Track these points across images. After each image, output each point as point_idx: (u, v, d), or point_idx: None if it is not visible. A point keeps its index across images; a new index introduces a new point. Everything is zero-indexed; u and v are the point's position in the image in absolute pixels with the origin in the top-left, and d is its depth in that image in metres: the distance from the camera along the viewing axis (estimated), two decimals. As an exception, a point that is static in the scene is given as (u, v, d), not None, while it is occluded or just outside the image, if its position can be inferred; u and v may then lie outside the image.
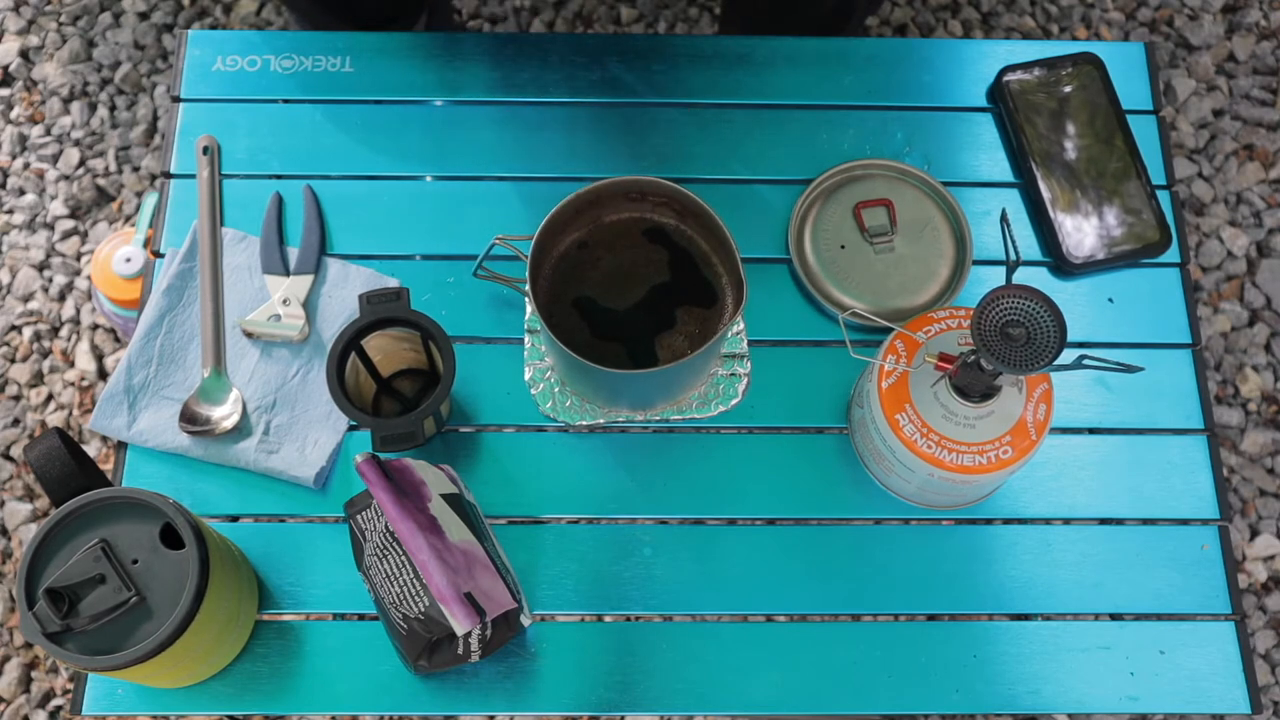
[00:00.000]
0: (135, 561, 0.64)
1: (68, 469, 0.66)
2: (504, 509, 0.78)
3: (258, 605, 0.75)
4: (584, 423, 0.80)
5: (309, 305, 0.82)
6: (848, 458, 0.80)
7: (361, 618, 0.76)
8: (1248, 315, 1.42)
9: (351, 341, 0.73)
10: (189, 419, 0.78)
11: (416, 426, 0.72)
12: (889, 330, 0.77)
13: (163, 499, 0.65)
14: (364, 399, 0.79)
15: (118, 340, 1.40)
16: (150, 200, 1.37)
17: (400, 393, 0.81)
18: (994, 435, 0.70)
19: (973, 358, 0.66)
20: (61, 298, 1.42)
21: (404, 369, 0.81)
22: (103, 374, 1.38)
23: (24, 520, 1.32)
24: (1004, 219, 0.68)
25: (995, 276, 0.85)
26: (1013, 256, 0.67)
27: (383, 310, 0.74)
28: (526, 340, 0.82)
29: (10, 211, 1.46)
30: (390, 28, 1.24)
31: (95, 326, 1.41)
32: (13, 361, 1.40)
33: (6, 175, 1.48)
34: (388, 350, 0.78)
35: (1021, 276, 0.83)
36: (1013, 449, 0.70)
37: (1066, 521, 0.79)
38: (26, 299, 1.42)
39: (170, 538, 0.65)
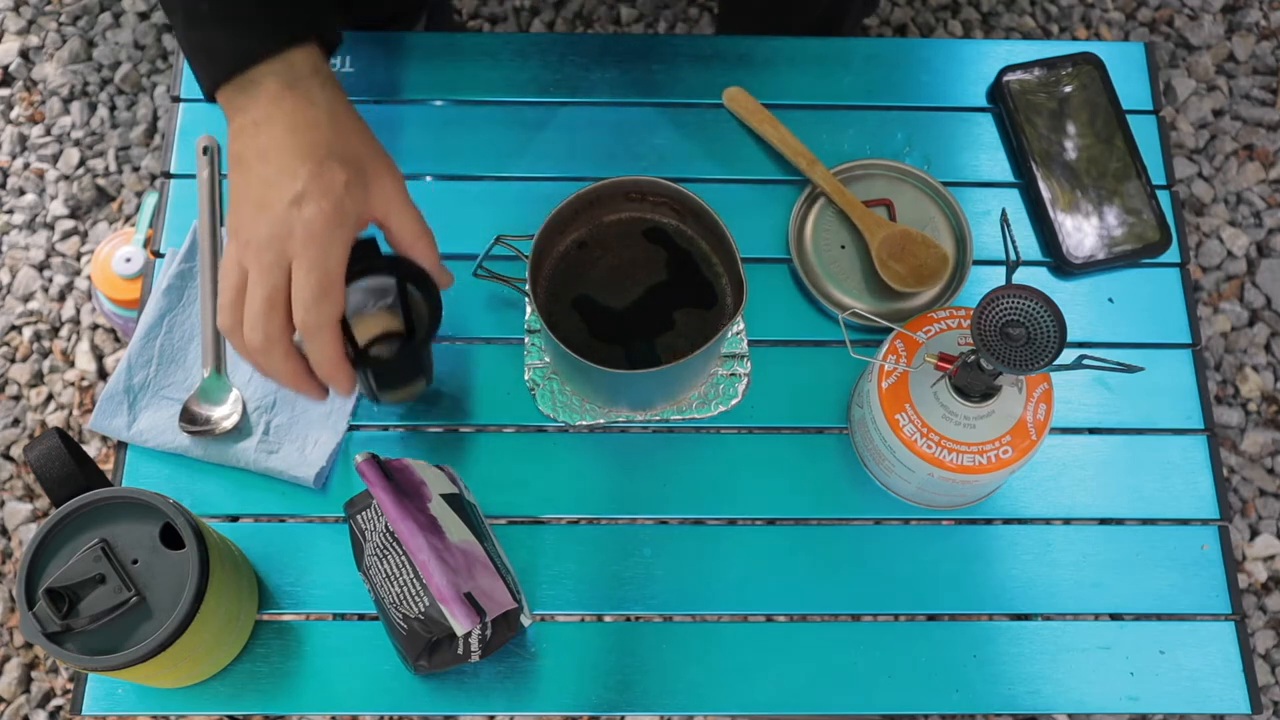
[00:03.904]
0: (135, 561, 0.64)
1: (68, 469, 0.66)
2: (504, 509, 0.78)
3: (258, 605, 0.75)
4: (584, 423, 0.80)
5: (309, 305, 0.82)
6: (848, 458, 0.80)
7: (361, 618, 0.76)
8: (1248, 315, 1.42)
9: None
10: (189, 419, 0.78)
11: (418, 360, 0.71)
12: (889, 330, 0.77)
13: (163, 499, 0.65)
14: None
15: (118, 340, 1.40)
16: (150, 200, 1.37)
17: (380, 359, 0.78)
18: (994, 435, 0.70)
19: (973, 358, 0.66)
20: (61, 298, 1.42)
21: (379, 336, 0.78)
22: (103, 374, 1.38)
23: (24, 520, 1.32)
24: (1004, 219, 0.68)
25: (995, 276, 0.85)
26: (1013, 256, 0.67)
27: (355, 260, 0.68)
28: (526, 340, 0.82)
29: (10, 211, 1.47)
30: (390, 28, 1.24)
31: (95, 326, 1.41)
32: (13, 361, 1.40)
33: (6, 175, 1.49)
34: (365, 312, 0.74)
35: (1021, 276, 0.83)
36: (1013, 449, 0.70)
37: (1066, 521, 0.79)
38: (26, 299, 1.42)
39: (170, 538, 0.65)
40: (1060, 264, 0.85)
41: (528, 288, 0.72)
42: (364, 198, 0.66)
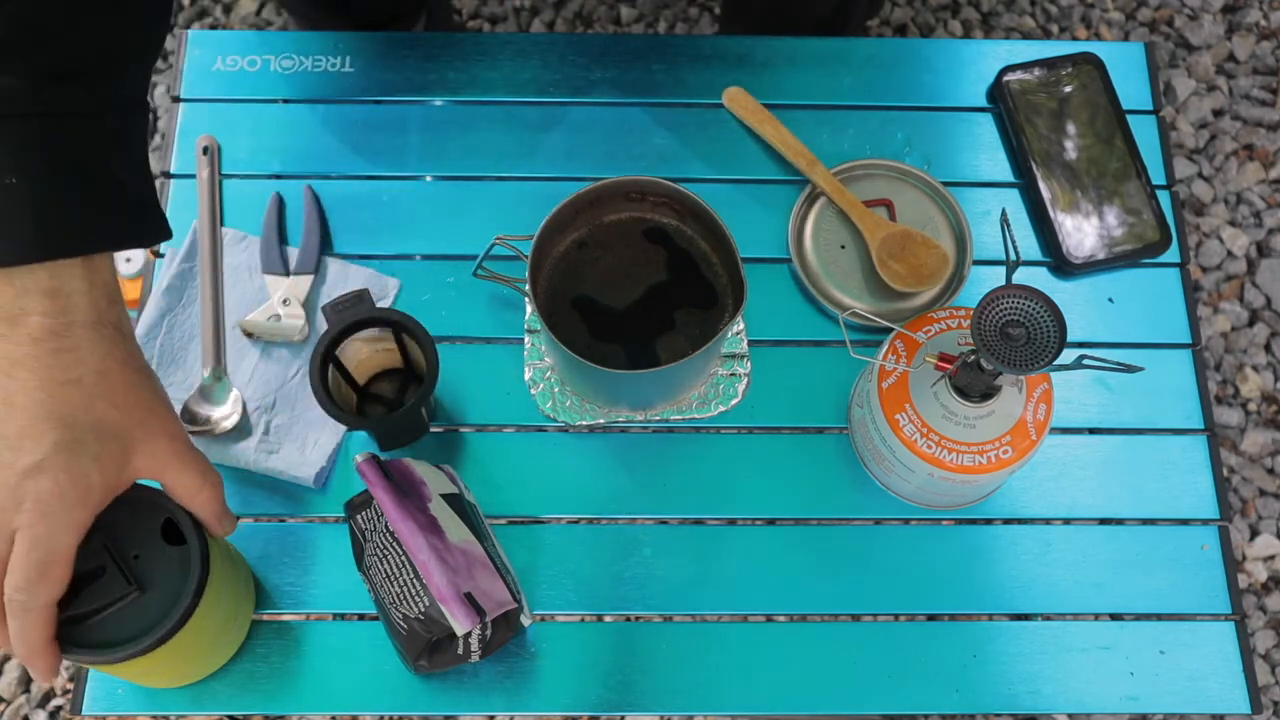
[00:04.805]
0: (136, 556, 0.64)
1: None
2: (504, 509, 0.78)
3: (254, 605, 0.75)
4: (584, 423, 0.80)
5: (309, 305, 0.82)
6: (848, 458, 0.80)
7: (361, 618, 0.76)
8: (1248, 315, 1.42)
9: (327, 354, 0.73)
10: (189, 419, 0.78)
11: (418, 415, 0.72)
12: (889, 330, 0.77)
13: (164, 495, 0.65)
14: (349, 408, 0.79)
15: (118, 340, 1.40)
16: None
17: (382, 396, 0.81)
18: (994, 435, 0.70)
19: (973, 358, 0.66)
20: (61, 298, 1.42)
21: (378, 372, 0.81)
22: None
23: (24, 520, 1.32)
24: (1004, 219, 0.68)
25: (995, 276, 0.85)
26: (1013, 256, 0.67)
27: (349, 315, 0.73)
28: (526, 340, 0.82)
29: (10, 211, 1.46)
30: (390, 28, 1.24)
31: (95, 326, 1.40)
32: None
33: (6, 175, 1.48)
34: (361, 357, 0.77)
35: (1021, 276, 0.83)
36: (1013, 449, 0.70)
37: (1066, 521, 0.79)
38: (26, 299, 1.42)
39: (171, 533, 0.65)
40: (1060, 264, 0.85)
41: (528, 288, 0.72)
42: (122, 468, 0.60)
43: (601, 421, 0.80)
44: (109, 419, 0.59)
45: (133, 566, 0.63)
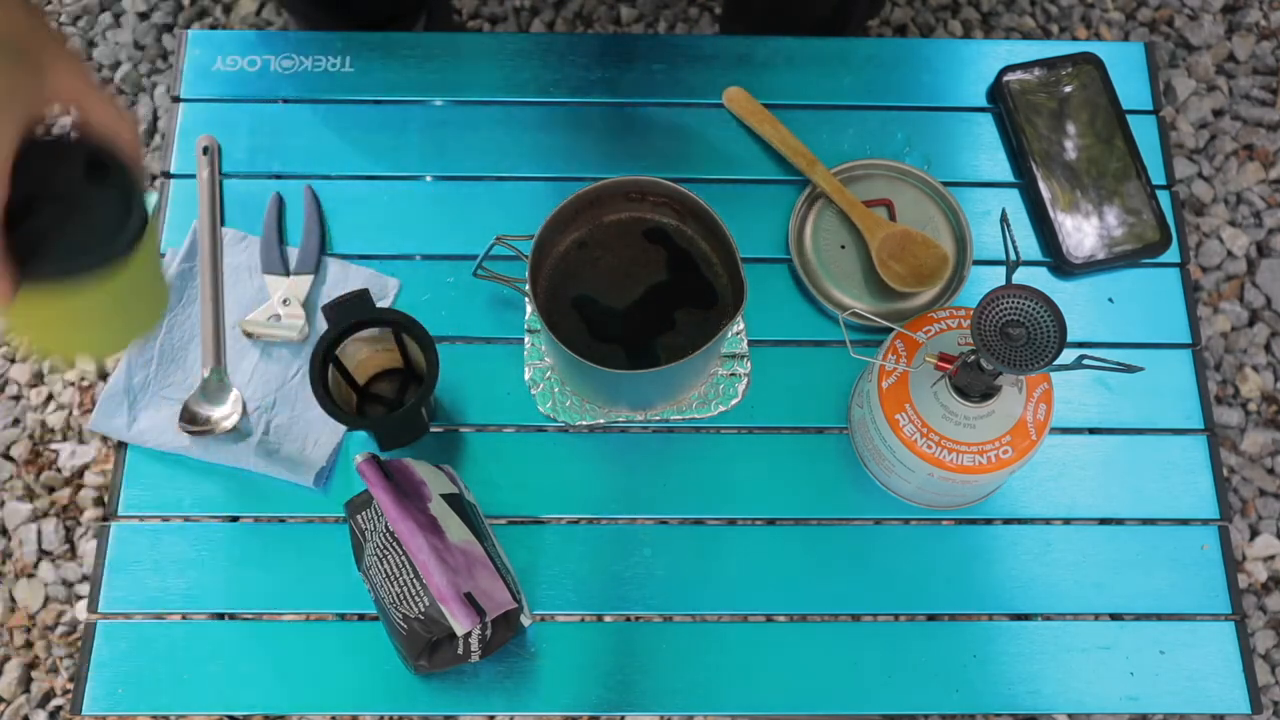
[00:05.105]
0: (63, 196, 0.58)
1: None
2: (504, 509, 0.78)
3: (167, 300, 0.69)
4: (584, 423, 0.80)
5: (309, 305, 0.82)
6: (848, 458, 0.80)
7: (361, 618, 0.76)
8: (1248, 315, 1.42)
9: (327, 354, 0.73)
10: (189, 419, 0.78)
11: (418, 415, 0.72)
12: (889, 330, 0.77)
13: (78, 144, 0.60)
14: (349, 408, 0.78)
15: (118, 340, 1.40)
16: (150, 200, 1.37)
17: (382, 396, 0.81)
18: (994, 435, 0.70)
19: (973, 358, 0.66)
20: (61, 298, 1.42)
21: (378, 372, 0.81)
22: (103, 374, 1.38)
23: (24, 520, 1.32)
24: (1004, 219, 0.68)
25: (995, 276, 0.85)
26: (1013, 256, 0.67)
27: (349, 315, 0.73)
28: (526, 340, 0.82)
29: (10, 211, 1.46)
30: (390, 28, 1.24)
31: (95, 326, 1.41)
32: (13, 361, 1.40)
33: (6, 175, 1.48)
34: (360, 357, 0.78)
35: (1021, 276, 0.83)
36: (1013, 449, 0.70)
37: (1066, 521, 0.79)
38: (26, 299, 1.42)
39: (94, 176, 0.59)
40: (1060, 264, 0.85)
41: (528, 288, 0.72)
42: (40, 84, 0.59)
43: (601, 421, 0.80)
44: (21, 38, 0.58)
45: (66, 199, 0.58)
